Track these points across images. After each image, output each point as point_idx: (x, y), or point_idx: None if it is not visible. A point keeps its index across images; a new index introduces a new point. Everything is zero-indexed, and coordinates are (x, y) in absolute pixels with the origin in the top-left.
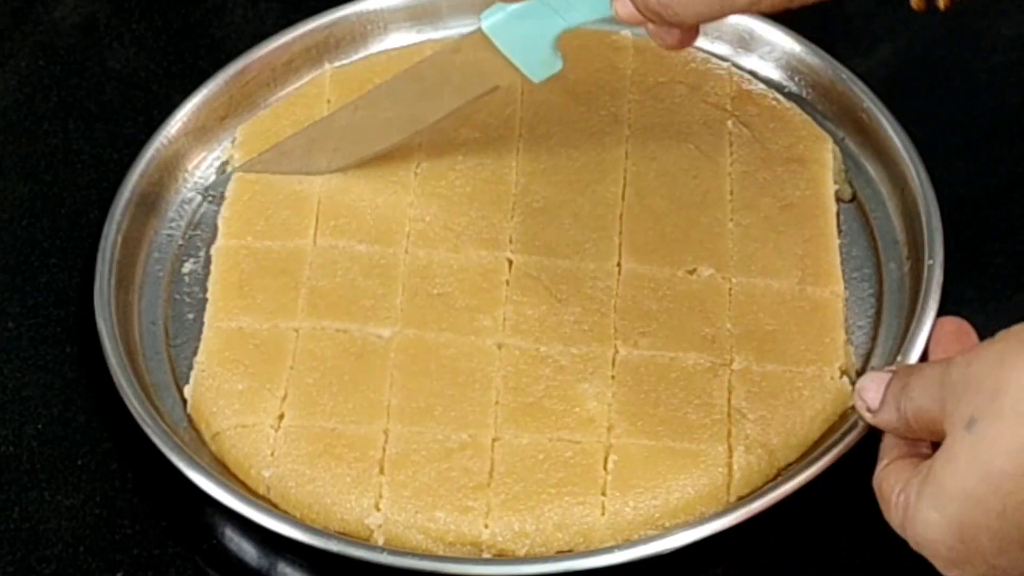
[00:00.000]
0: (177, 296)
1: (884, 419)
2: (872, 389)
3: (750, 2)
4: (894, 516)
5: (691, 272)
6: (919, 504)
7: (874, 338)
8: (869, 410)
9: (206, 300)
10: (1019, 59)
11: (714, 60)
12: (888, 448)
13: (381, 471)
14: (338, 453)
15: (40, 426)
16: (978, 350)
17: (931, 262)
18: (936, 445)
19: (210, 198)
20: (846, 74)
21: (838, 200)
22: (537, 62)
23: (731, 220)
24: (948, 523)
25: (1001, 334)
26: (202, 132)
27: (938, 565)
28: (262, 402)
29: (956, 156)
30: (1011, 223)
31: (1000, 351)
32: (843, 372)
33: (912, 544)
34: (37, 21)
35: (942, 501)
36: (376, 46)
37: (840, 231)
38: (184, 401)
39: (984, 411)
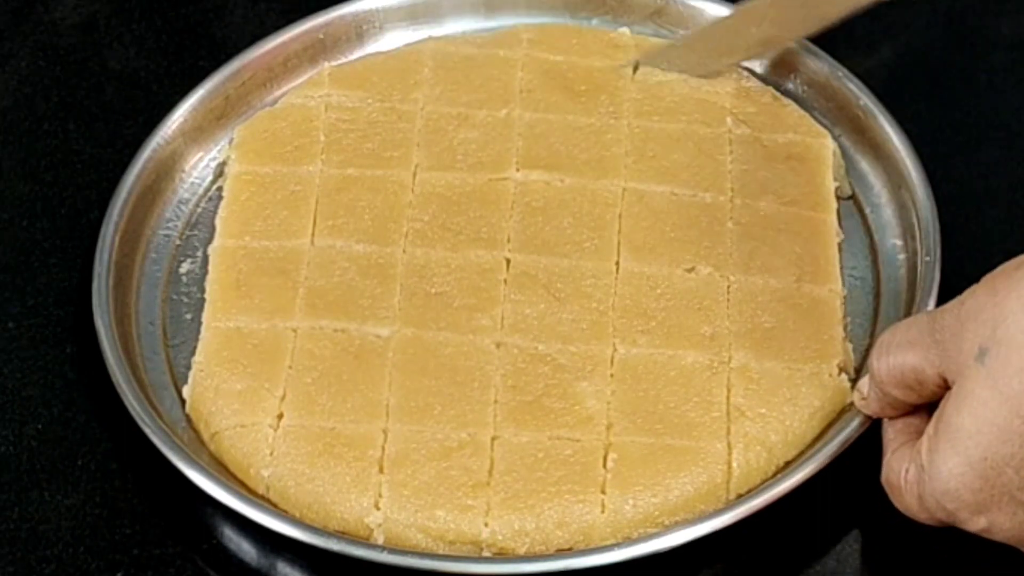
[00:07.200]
0: (175, 296)
1: (869, 399)
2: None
3: None
4: (907, 495)
5: (690, 270)
6: (934, 459)
7: (872, 335)
8: (863, 398)
9: (204, 300)
10: (1019, 59)
11: None
12: (890, 440)
13: (380, 470)
14: (337, 452)
15: (40, 426)
16: (966, 293)
17: (928, 259)
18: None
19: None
20: (842, 71)
21: (837, 197)
22: None
23: (730, 218)
24: (970, 463)
25: (985, 277)
26: (199, 133)
27: (963, 519)
28: (261, 402)
29: (956, 156)
30: (1010, 222)
31: (989, 286)
32: (841, 369)
33: (932, 509)
34: (37, 21)
35: (961, 443)
36: (373, 46)
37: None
38: (183, 401)
39: (991, 340)
